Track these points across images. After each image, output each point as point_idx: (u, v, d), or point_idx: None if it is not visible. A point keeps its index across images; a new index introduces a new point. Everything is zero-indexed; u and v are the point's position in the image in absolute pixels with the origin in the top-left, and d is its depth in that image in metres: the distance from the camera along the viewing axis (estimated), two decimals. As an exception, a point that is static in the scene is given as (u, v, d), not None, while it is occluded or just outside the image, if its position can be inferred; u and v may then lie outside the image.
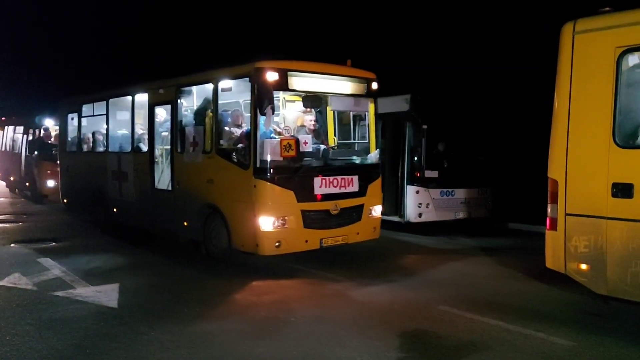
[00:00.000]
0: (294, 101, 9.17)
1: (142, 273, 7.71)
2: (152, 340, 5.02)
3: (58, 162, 13.94)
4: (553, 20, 6.43)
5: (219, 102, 8.09)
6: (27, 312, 5.77)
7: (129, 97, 10.34)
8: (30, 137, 16.52)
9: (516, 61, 14.69)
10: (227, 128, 8.13)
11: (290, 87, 7.47)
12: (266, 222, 7.35)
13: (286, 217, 7.44)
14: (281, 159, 7.37)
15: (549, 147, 5.77)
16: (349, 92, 8.25)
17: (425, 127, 10.55)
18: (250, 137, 7.41)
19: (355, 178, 8.18)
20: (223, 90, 8.00)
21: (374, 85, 8.46)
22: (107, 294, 6.39)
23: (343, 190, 8.02)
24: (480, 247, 9.79)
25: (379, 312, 5.88)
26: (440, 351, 4.83)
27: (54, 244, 9.83)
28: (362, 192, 8.26)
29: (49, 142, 16.17)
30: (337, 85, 8.10)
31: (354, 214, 8.18)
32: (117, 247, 9.62)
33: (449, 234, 10.91)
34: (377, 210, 8.58)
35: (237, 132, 8.12)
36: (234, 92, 8.04)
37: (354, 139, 9.45)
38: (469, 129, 11.47)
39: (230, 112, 8.33)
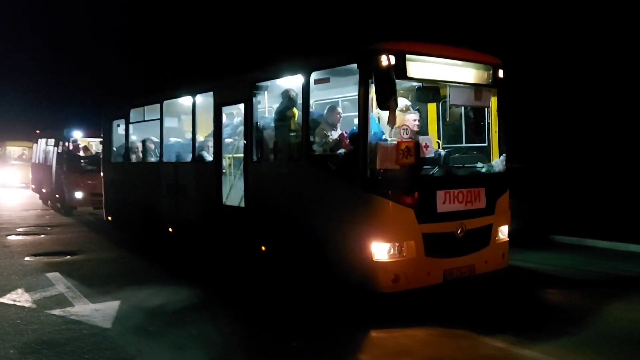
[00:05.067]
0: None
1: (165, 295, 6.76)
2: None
3: (101, 174, 12.65)
4: None
5: (311, 97, 6.47)
6: (16, 333, 5.44)
7: (189, 98, 8.83)
8: (60, 149, 16.38)
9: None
10: (322, 130, 6.48)
11: (408, 75, 5.77)
12: (381, 250, 5.63)
13: (404, 243, 5.72)
14: (397, 167, 5.66)
15: None
16: (473, 81, 6.50)
17: None
18: (358, 139, 5.74)
19: (482, 191, 6.43)
20: (317, 82, 6.37)
21: (501, 73, 6.71)
22: (104, 313, 6.04)
23: (469, 207, 6.27)
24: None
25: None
26: None
27: (68, 257, 9.40)
28: (490, 208, 6.50)
29: (78, 154, 16.22)
30: (459, 73, 6.35)
31: (482, 237, 6.41)
32: (147, 268, 8.62)
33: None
34: (504, 232, 6.79)
35: (335, 134, 6.47)
36: (331, 83, 6.39)
37: (464, 142, 7.67)
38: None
39: (325, 109, 6.69)
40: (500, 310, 6.22)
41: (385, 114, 6.18)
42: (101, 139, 16.09)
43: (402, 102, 6.97)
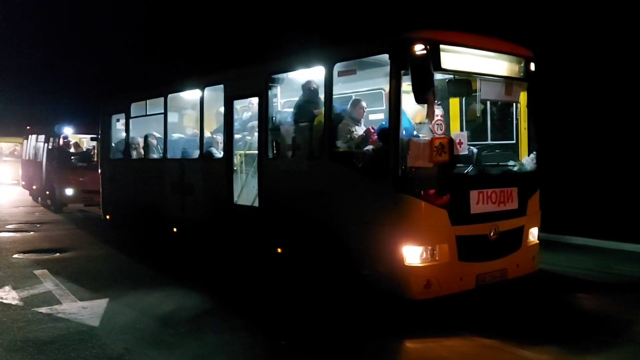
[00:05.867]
0: (408, 92, 7.08)
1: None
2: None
3: (99, 171, 12.16)
4: None
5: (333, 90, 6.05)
6: (2, 331, 5.32)
7: (197, 91, 8.38)
8: (50, 146, 16.19)
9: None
10: (346, 125, 6.08)
11: (442, 67, 5.38)
12: (413, 253, 5.26)
13: (437, 246, 5.36)
14: (430, 165, 5.29)
15: None
16: (505, 74, 6.14)
17: None
18: (389, 135, 5.35)
19: (515, 191, 6.08)
20: (341, 74, 5.98)
21: (532, 66, 6.36)
22: (92, 311, 5.91)
23: (502, 207, 5.91)
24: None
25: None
26: None
27: (57, 254, 9.20)
28: (522, 209, 6.15)
29: (69, 150, 16.06)
30: (492, 66, 5.99)
31: (514, 240, 6.07)
32: (136, 266, 8.40)
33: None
34: (534, 234, 6.45)
35: (359, 129, 6.08)
36: (357, 75, 6.01)
37: (489, 139, 7.31)
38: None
39: (348, 103, 6.29)
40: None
41: (411, 108, 5.89)
42: (92, 135, 15.68)
43: (425, 96, 6.62)
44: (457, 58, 5.56)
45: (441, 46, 5.33)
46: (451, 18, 13.70)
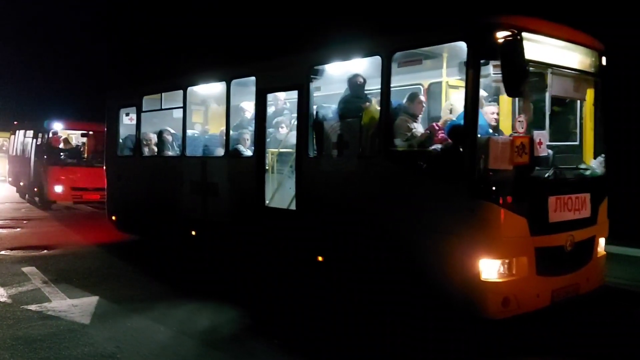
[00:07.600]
0: (457, 87, 6.48)
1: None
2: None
3: (104, 168, 11.38)
4: None
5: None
6: None
7: (222, 84, 7.70)
8: (39, 142, 15.88)
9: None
10: (404, 121, 5.44)
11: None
12: (490, 268, 4.66)
13: (515, 259, 4.77)
14: (510, 167, 4.69)
15: None
16: (579, 67, 5.56)
17: None
18: (465, 133, 4.72)
19: (588, 197, 5.51)
20: (402, 64, 5.36)
21: (604, 60, 5.80)
22: (82, 309, 5.90)
23: (577, 215, 5.34)
24: None
25: None
26: None
27: (45, 251, 9.18)
28: (593, 218, 5.59)
29: (58, 146, 15.72)
30: (566, 58, 5.40)
31: (587, 251, 5.50)
32: (125, 264, 8.33)
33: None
34: (602, 245, 5.89)
35: (418, 126, 5.46)
36: (420, 65, 5.40)
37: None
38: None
39: (405, 98, 5.66)
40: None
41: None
42: (83, 132, 15.53)
43: (478, 92, 6.01)
44: (535, 47, 4.95)
45: (523, 34, 4.74)
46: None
